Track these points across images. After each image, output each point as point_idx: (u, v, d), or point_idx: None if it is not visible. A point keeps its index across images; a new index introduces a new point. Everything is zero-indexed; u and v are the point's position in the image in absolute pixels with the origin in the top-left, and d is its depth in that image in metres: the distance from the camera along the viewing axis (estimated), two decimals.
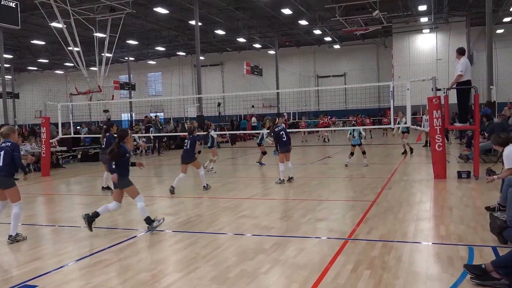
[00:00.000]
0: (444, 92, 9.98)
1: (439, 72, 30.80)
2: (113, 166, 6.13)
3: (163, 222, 6.23)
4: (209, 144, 13.53)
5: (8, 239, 5.80)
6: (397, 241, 5.30)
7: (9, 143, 5.83)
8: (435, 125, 9.91)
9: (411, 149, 15.52)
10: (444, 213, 6.77)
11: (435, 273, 4.28)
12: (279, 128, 9.64)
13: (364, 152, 12.63)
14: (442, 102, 9.99)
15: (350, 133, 12.79)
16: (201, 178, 9.46)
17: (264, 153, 13.83)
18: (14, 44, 36.86)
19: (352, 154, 12.70)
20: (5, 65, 33.67)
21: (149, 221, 6.10)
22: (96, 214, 6.14)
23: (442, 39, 35.48)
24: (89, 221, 6.07)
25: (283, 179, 9.75)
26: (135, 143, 16.18)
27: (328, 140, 24.53)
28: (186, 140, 9.42)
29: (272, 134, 10.03)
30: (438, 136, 9.88)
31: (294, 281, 4.16)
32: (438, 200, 7.91)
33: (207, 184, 9.55)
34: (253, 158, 17.07)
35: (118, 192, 6.25)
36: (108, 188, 9.79)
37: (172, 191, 9.15)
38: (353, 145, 12.67)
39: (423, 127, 15.22)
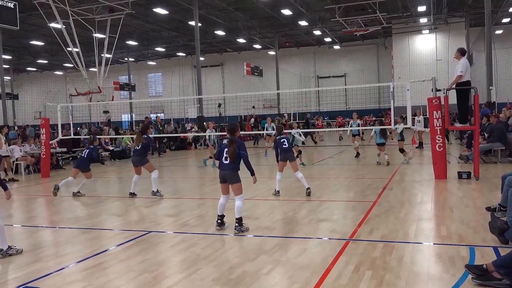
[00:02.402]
0: (444, 93, 9.99)
1: (438, 72, 30.83)
2: (226, 161, 6.05)
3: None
4: (211, 142, 14.57)
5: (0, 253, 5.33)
6: (398, 242, 5.30)
7: None
8: (435, 125, 9.92)
9: (358, 153, 15.32)
10: (445, 213, 6.78)
11: (436, 273, 4.28)
12: (282, 136, 8.98)
13: (402, 150, 13.29)
14: (442, 102, 10.00)
15: (375, 133, 12.89)
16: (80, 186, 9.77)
17: (299, 152, 13.51)
18: (13, 44, 36.83)
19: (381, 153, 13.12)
20: (4, 66, 33.71)
21: (240, 222, 6.08)
22: (222, 216, 6.25)
23: (441, 40, 35.52)
24: (222, 223, 6.21)
25: (279, 190, 8.79)
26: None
27: (341, 138, 24.69)
28: (85, 149, 10.01)
29: (274, 143, 9.53)
30: (439, 137, 9.89)
31: (296, 281, 4.15)
32: (439, 200, 7.92)
33: (80, 192, 9.77)
34: (253, 158, 17.09)
35: (226, 186, 6.25)
36: (134, 194, 9.23)
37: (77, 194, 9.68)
38: (378, 145, 12.96)
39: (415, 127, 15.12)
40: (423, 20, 34.31)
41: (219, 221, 6.24)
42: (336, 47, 42.23)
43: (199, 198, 9.23)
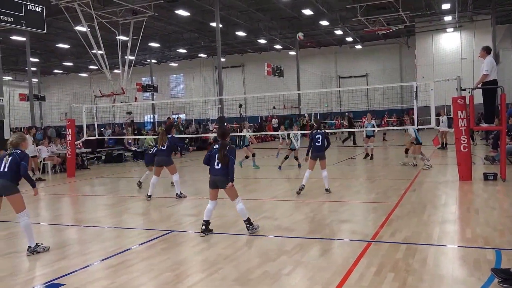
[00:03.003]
0: (469, 92, 9.76)
1: (463, 71, 30.12)
2: (218, 166, 5.91)
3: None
4: (246, 143, 14.27)
5: (27, 250, 5.45)
6: (421, 244, 5.22)
7: (19, 151, 5.56)
8: (460, 126, 9.71)
9: (372, 155, 14.82)
10: (470, 215, 6.63)
11: (461, 276, 4.20)
12: (319, 131, 8.78)
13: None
14: (467, 102, 9.77)
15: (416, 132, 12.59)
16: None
17: (285, 158, 13.65)
18: (40, 47, 37.89)
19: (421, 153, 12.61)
20: (32, 69, 34.70)
21: (250, 222, 6.02)
22: (208, 222, 6.07)
23: (466, 38, 34.67)
24: (208, 230, 6.04)
25: (304, 185, 8.75)
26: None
27: None
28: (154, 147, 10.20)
29: (310, 135, 9.11)
30: (463, 137, 9.68)
31: (316, 283, 4.14)
32: (464, 202, 7.74)
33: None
34: (270, 159, 17.04)
35: (216, 192, 6.13)
36: (150, 196, 9.10)
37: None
38: (420, 143, 12.47)
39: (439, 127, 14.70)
40: (448, 18, 33.55)
41: (203, 227, 6.02)
42: (358, 46, 41.77)
43: (219, 198, 9.27)
